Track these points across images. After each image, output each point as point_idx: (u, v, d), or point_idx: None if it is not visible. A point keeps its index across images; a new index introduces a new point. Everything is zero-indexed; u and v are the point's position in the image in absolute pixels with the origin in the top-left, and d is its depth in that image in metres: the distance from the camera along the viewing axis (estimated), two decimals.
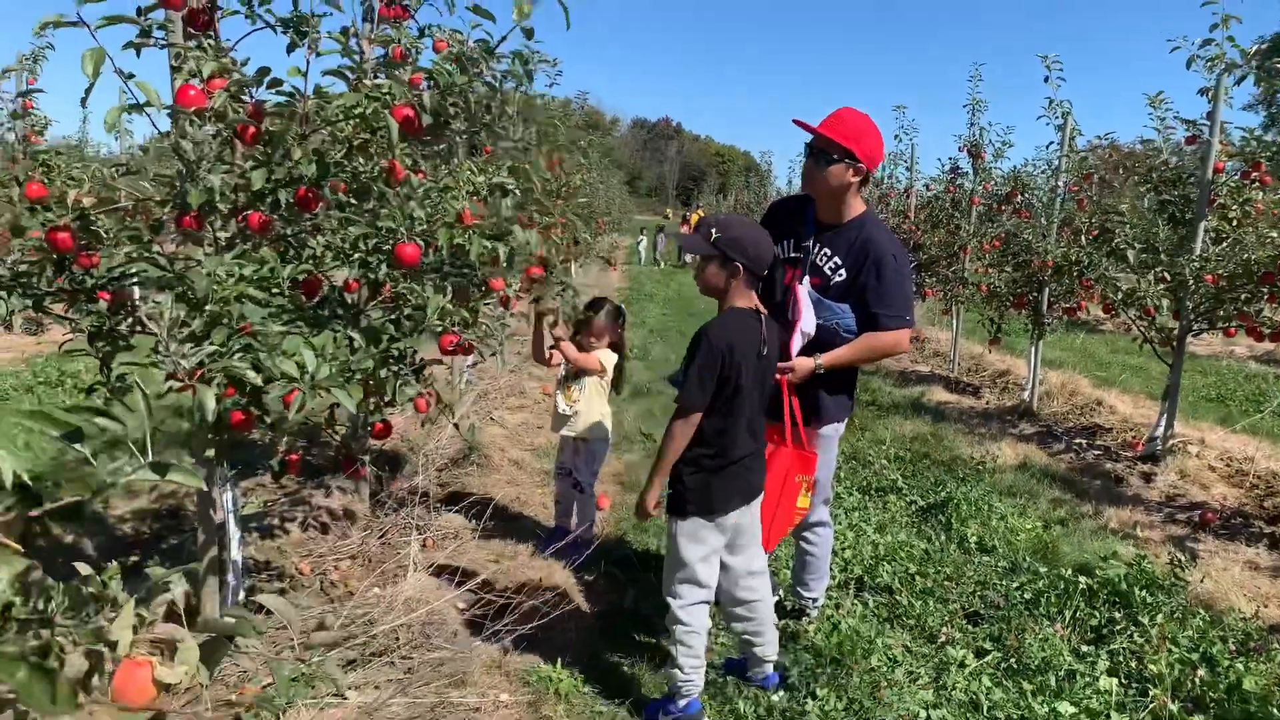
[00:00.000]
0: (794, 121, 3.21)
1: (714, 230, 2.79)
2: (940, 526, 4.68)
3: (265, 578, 3.88)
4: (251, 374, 2.43)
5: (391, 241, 2.79)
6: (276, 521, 4.48)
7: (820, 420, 3.33)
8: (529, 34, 2.80)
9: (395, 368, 2.78)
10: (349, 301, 3.09)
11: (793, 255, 3.30)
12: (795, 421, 3.21)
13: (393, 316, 2.95)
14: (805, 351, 3.22)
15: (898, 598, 3.79)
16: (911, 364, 10.69)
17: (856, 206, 3.22)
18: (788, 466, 3.16)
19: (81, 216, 2.65)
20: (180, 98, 2.46)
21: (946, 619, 3.61)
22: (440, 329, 3.00)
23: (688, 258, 27.13)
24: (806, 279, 3.23)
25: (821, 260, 3.22)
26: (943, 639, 3.44)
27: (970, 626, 3.59)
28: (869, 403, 8.15)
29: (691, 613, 2.87)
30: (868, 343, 3.17)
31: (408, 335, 2.89)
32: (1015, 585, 3.90)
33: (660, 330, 12.10)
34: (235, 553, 3.22)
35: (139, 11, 2.65)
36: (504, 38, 2.81)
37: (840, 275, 3.17)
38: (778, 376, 3.14)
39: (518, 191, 3.63)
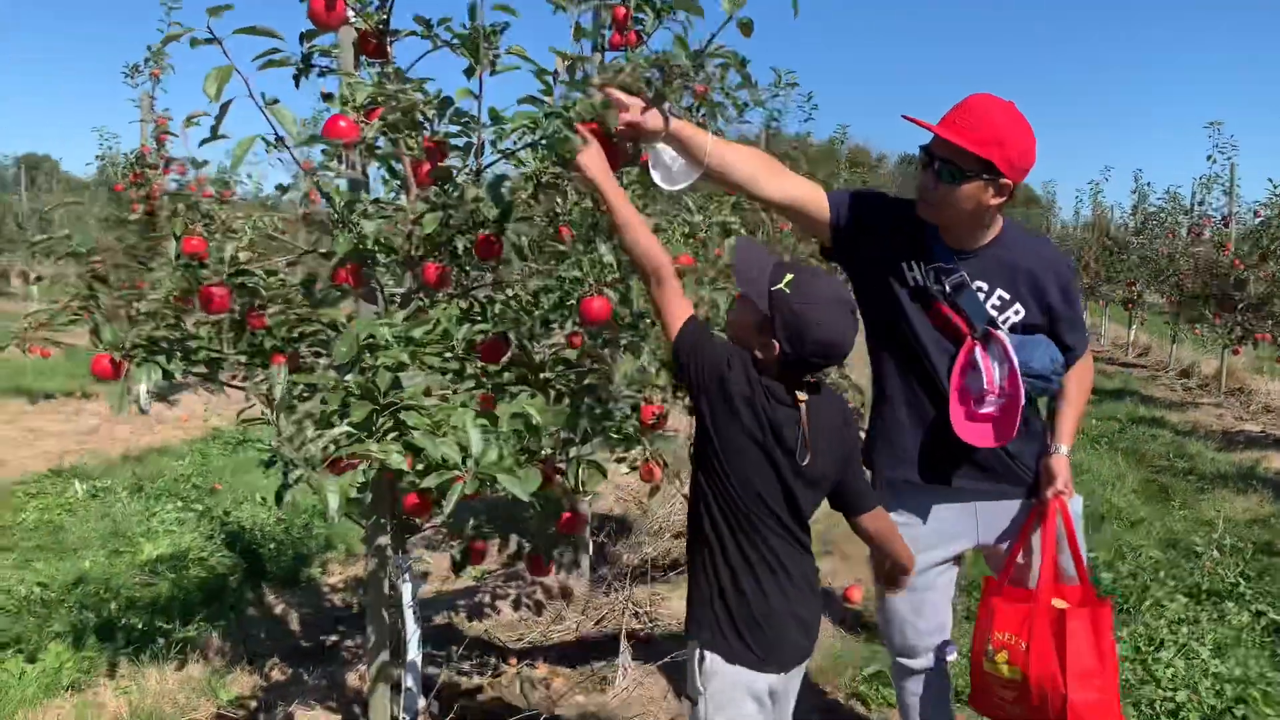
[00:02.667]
0: (905, 118, 2.17)
1: (787, 281, 1.83)
2: None
3: (467, 667, 3.48)
4: (396, 458, 1.98)
5: (576, 295, 2.29)
6: (488, 599, 4.10)
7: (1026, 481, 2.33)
8: (747, 29, 2.21)
9: (580, 448, 2.25)
10: (539, 363, 2.61)
11: (935, 287, 2.21)
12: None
13: (581, 384, 2.42)
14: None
15: None
16: (1236, 421, 8.99)
17: (997, 225, 2.23)
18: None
19: (240, 272, 2.35)
20: (329, 129, 2.08)
21: None
22: (637, 399, 2.45)
23: None
24: (990, 341, 2.18)
25: (980, 296, 2.21)
26: None
27: None
28: (1186, 471, 6.78)
29: None
30: (1082, 388, 2.37)
31: (597, 408, 2.35)
32: None
33: None
34: (414, 651, 2.80)
35: (302, 38, 2.33)
36: (714, 35, 2.24)
37: (1015, 312, 2.20)
38: (1048, 502, 2.26)
39: (743, 231, 3.04)
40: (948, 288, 2.19)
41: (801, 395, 1.84)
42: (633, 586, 4.12)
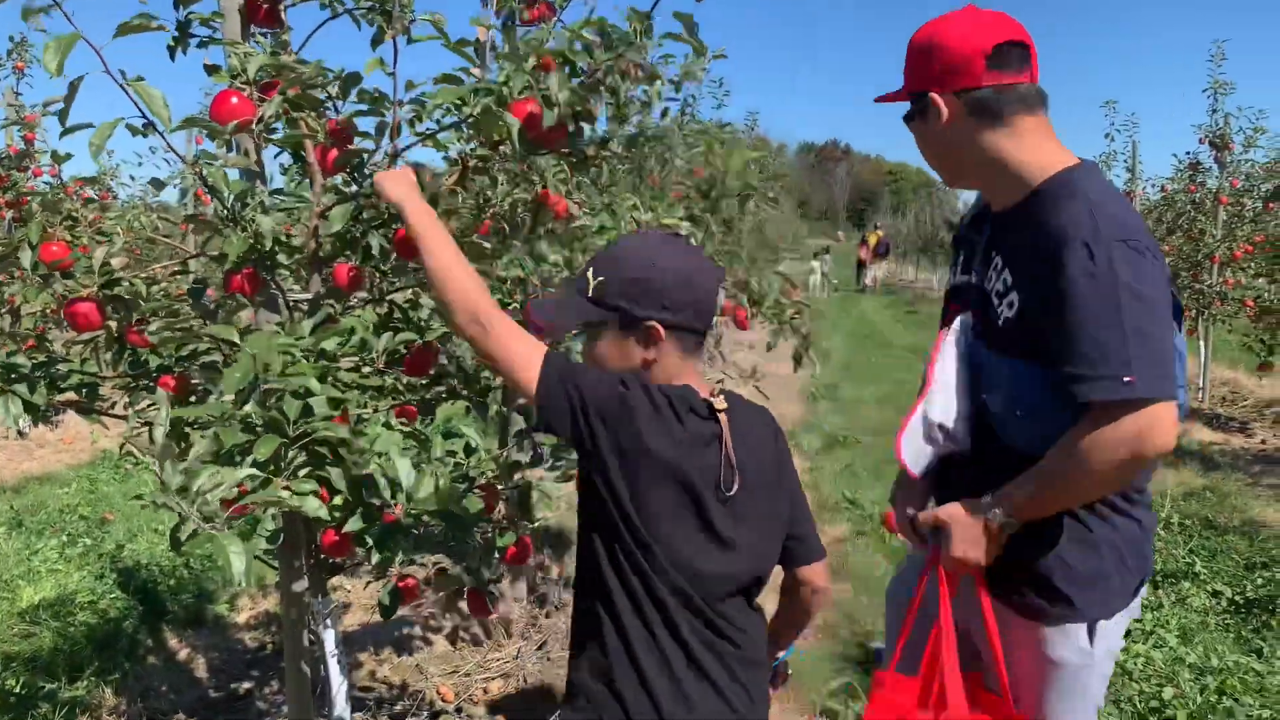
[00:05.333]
0: (877, 100, 1.79)
1: (593, 273, 1.49)
2: (1277, 635, 3.44)
3: (400, 709, 3.14)
4: (313, 503, 1.65)
5: (520, 296, 1.99)
6: (419, 630, 3.76)
7: (1048, 602, 1.63)
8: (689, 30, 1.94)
9: (524, 473, 1.95)
10: (473, 375, 2.29)
11: (958, 282, 1.84)
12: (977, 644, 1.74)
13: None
14: (958, 471, 1.73)
15: None
16: None
17: (1034, 157, 1.60)
18: None
19: (112, 283, 1.98)
20: (217, 108, 1.73)
21: None
22: None
23: (867, 279, 25.68)
24: (956, 326, 1.75)
25: (991, 277, 1.67)
26: None
27: None
28: None
29: None
30: (1086, 452, 1.46)
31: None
32: None
33: (847, 365, 10.99)
34: (341, 705, 2.46)
35: (176, 3, 1.96)
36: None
37: (1010, 304, 1.59)
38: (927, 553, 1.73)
39: (696, 237, 2.78)
40: (957, 280, 1.83)
41: (719, 402, 1.45)
42: None
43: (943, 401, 1.69)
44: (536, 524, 2.18)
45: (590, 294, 1.47)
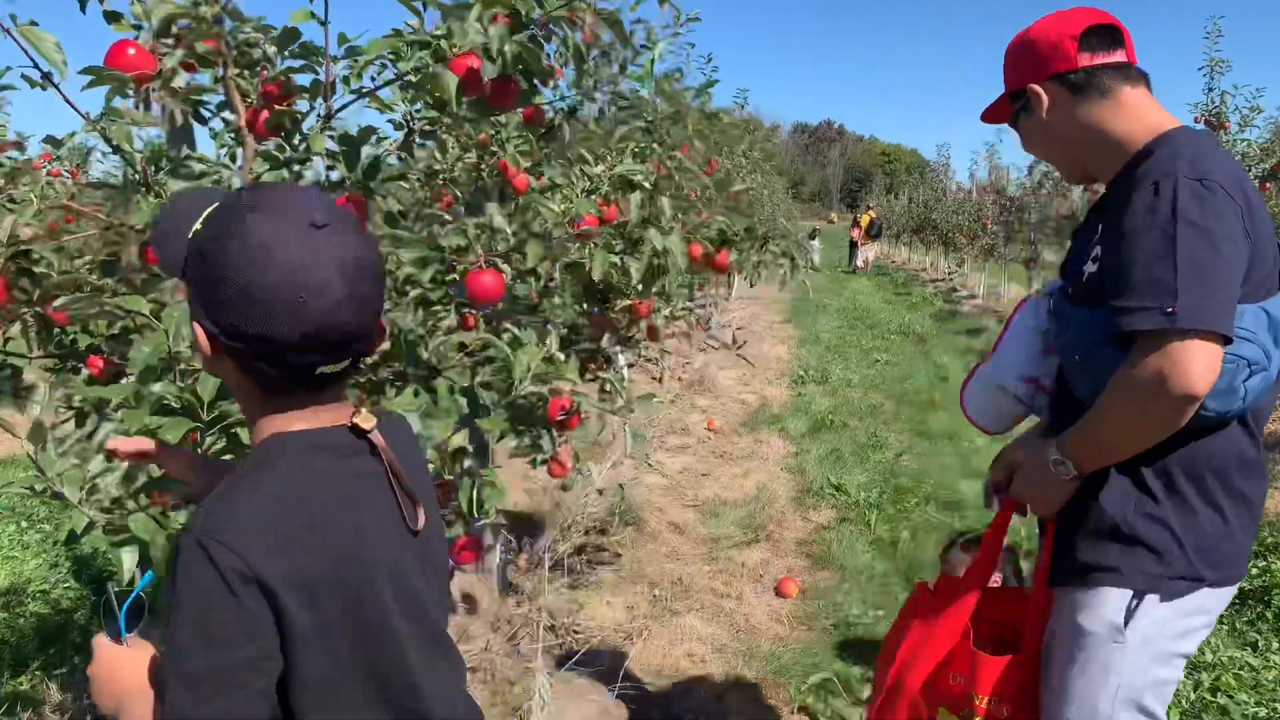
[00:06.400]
0: (983, 119, 1.85)
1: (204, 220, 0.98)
2: (1272, 628, 3.32)
3: None
4: None
5: (461, 267, 1.83)
6: None
7: (1087, 563, 1.56)
8: None
9: (470, 463, 1.80)
10: (422, 357, 2.14)
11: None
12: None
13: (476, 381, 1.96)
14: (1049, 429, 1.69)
15: None
16: None
17: (1136, 124, 1.55)
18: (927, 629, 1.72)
19: (20, 254, 1.82)
20: (111, 58, 1.56)
21: None
22: (542, 392, 2.01)
23: (859, 261, 25.53)
24: (1049, 281, 1.76)
25: (1088, 241, 1.62)
26: None
27: None
28: None
29: None
30: (1115, 389, 1.42)
31: (491, 409, 1.89)
32: None
33: (837, 346, 10.85)
34: None
35: None
36: None
37: (1094, 258, 1.55)
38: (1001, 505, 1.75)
39: (648, 183, 2.61)
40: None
41: (364, 422, 1.02)
42: (547, 594, 3.69)
43: (1011, 358, 1.74)
44: (490, 518, 2.04)
45: (177, 259, 0.99)
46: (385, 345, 2.12)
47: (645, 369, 8.81)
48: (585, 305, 3.45)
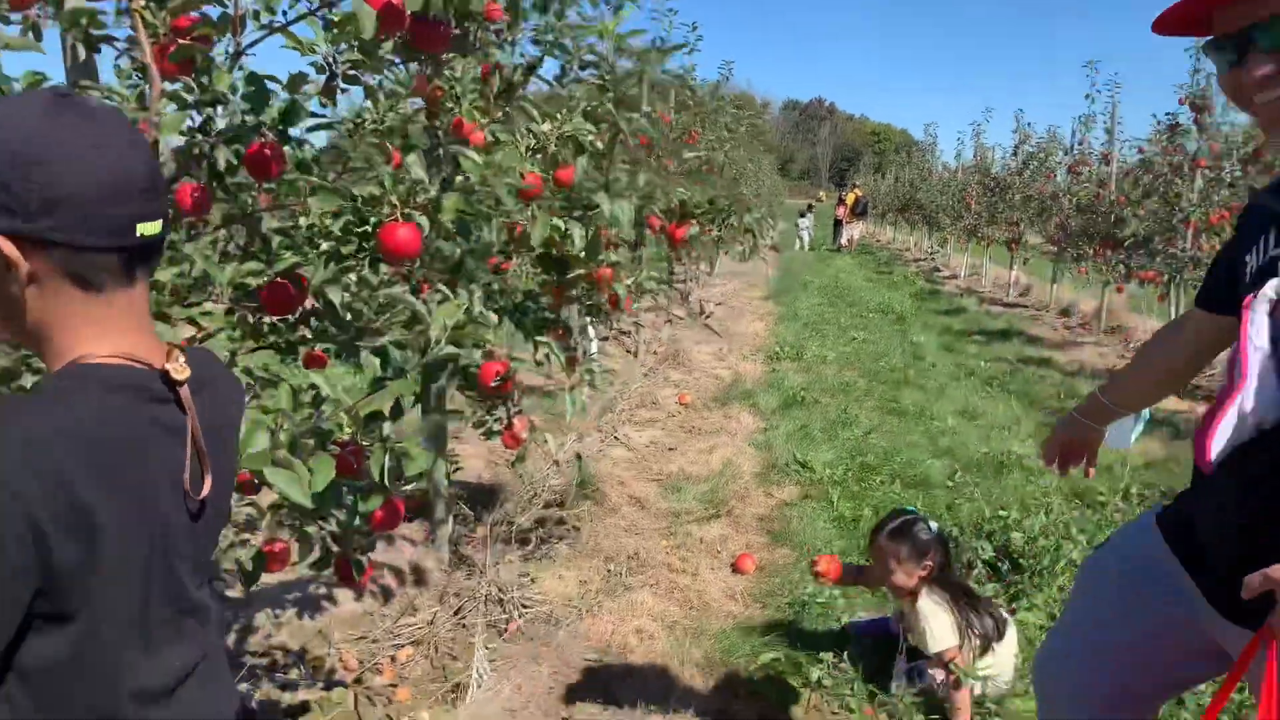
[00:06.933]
0: (1155, 28, 1.41)
1: None
2: None
3: (293, 679, 2.91)
4: None
5: (374, 219, 1.71)
6: (324, 589, 3.52)
7: None
8: None
9: (382, 428, 1.69)
10: (345, 319, 2.02)
11: (1276, 251, 1.38)
12: None
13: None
14: (1254, 459, 1.31)
15: None
16: (1120, 360, 8.99)
17: None
18: None
19: None
20: None
21: None
22: (473, 357, 1.90)
23: (844, 239, 25.44)
24: (1268, 289, 1.29)
25: None
26: None
27: None
28: None
29: None
30: None
31: (409, 370, 1.78)
32: None
33: (815, 323, 10.76)
34: None
35: None
36: None
37: None
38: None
39: (599, 144, 2.49)
40: (1263, 261, 1.39)
41: (177, 372, 0.93)
42: (498, 567, 3.60)
43: (1265, 388, 1.30)
44: (413, 486, 1.94)
45: None
46: (308, 303, 2.01)
47: (621, 342, 8.72)
48: (545, 273, 3.34)
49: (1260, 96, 1.28)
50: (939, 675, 2.72)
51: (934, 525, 2.78)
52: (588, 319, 6.21)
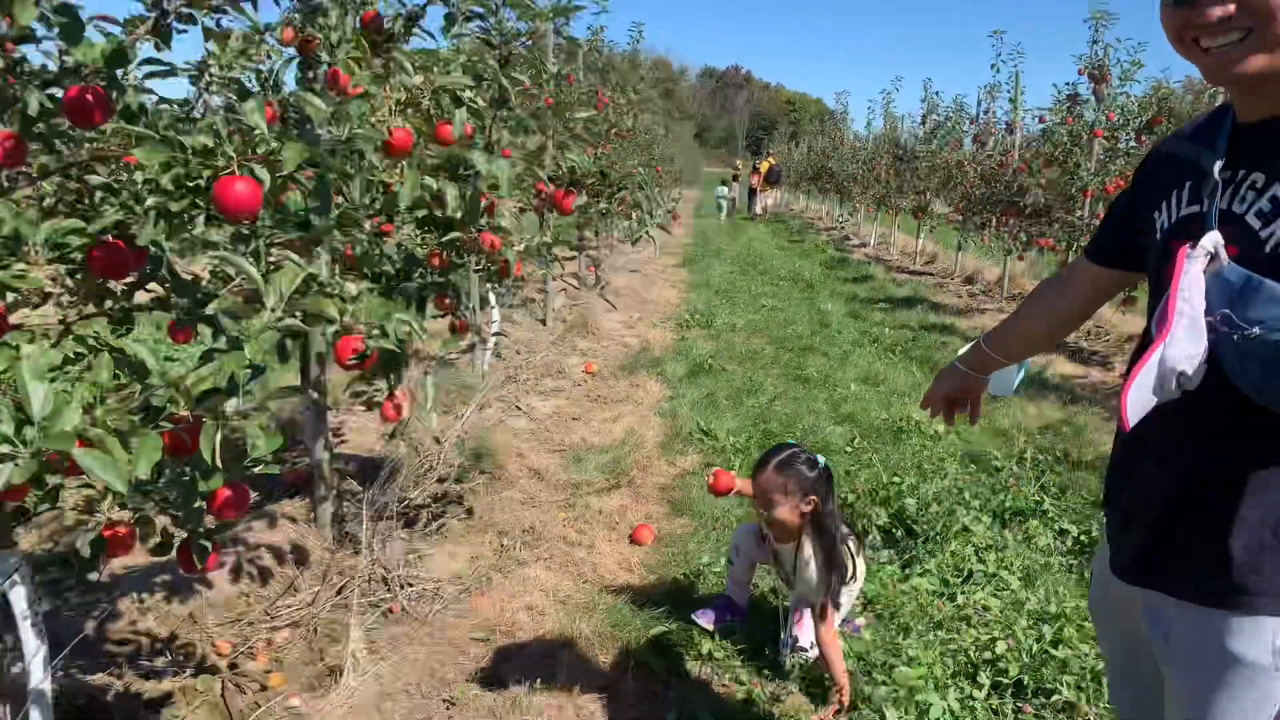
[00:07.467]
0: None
1: None
2: None
3: (158, 666, 2.74)
4: None
5: (209, 172, 1.55)
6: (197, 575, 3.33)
7: (1243, 583, 1.32)
8: None
9: (223, 405, 1.54)
10: (186, 283, 1.85)
11: (1188, 211, 1.39)
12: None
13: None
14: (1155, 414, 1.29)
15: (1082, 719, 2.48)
16: None
17: None
18: None
19: None
20: None
21: None
22: (330, 330, 1.75)
23: (758, 208, 25.59)
24: (1206, 243, 1.27)
25: (1245, 200, 1.29)
26: None
27: None
28: None
29: None
30: None
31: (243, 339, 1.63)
32: None
33: (727, 291, 10.75)
34: (39, 676, 2.05)
35: None
36: None
37: None
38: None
39: (479, 100, 2.35)
40: (1184, 212, 1.39)
41: None
42: (385, 544, 3.46)
43: (1187, 341, 1.28)
44: (260, 467, 1.79)
45: None
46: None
47: (531, 310, 8.56)
48: (427, 235, 3.18)
49: (1211, 41, 1.21)
50: (807, 640, 2.70)
51: (819, 459, 2.69)
52: (489, 286, 6.05)
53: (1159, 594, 1.41)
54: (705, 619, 2.95)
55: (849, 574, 2.64)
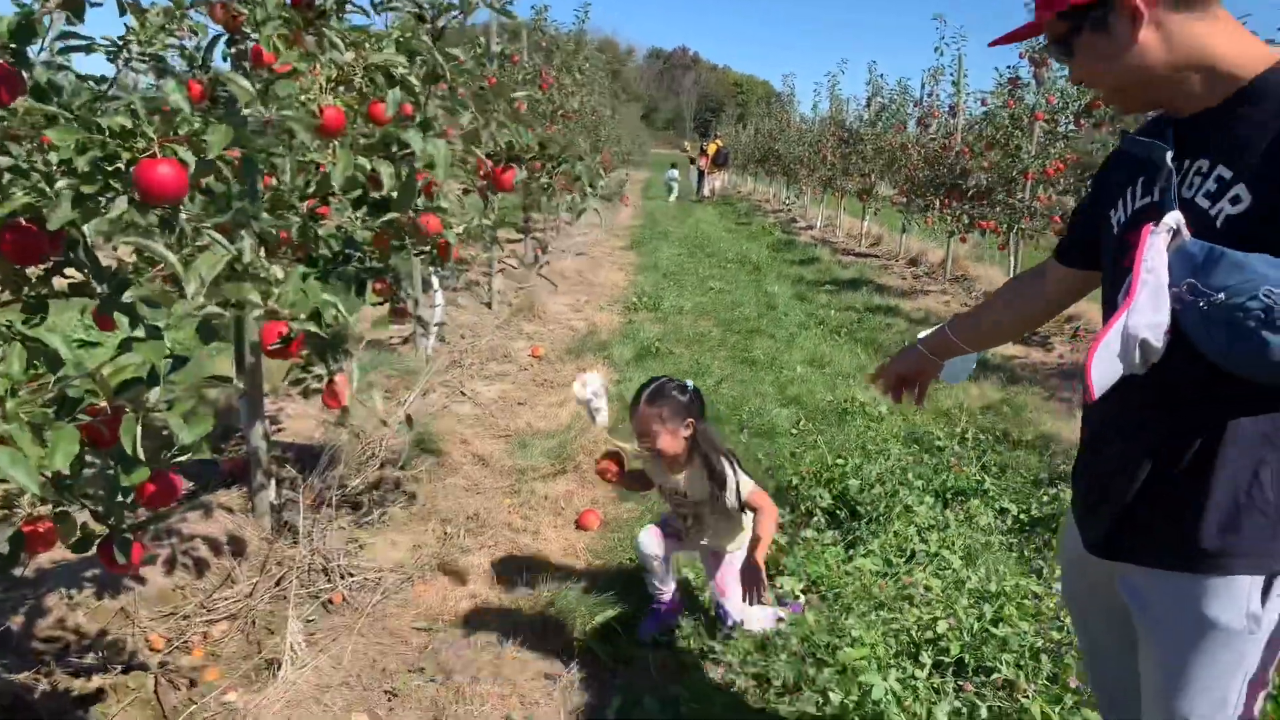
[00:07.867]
0: (993, 44, 1.62)
1: None
2: (1058, 557, 3.37)
3: (88, 663, 2.66)
4: None
5: (128, 155, 1.48)
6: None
7: (1214, 548, 1.38)
8: None
9: (144, 395, 1.48)
10: (105, 269, 1.77)
11: (1141, 203, 1.48)
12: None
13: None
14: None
15: (1022, 698, 2.51)
16: (963, 308, 9.31)
17: (1243, 48, 1.36)
18: None
19: None
20: None
21: None
22: (253, 315, 1.69)
23: (706, 190, 25.61)
24: (1169, 220, 1.33)
25: (1192, 185, 1.37)
26: None
27: None
28: None
29: None
30: None
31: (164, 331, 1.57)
32: None
33: (674, 274, 10.74)
34: None
35: None
36: None
37: (1233, 200, 1.32)
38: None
39: (414, 79, 2.29)
40: (1140, 203, 1.47)
41: None
42: (325, 534, 3.39)
43: (1150, 309, 1.32)
44: (188, 456, 1.73)
45: None
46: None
47: (475, 294, 8.46)
48: (364, 217, 3.11)
49: (1089, 86, 1.48)
50: (737, 611, 2.73)
51: (689, 383, 2.76)
52: (431, 270, 5.96)
53: (1132, 565, 1.46)
54: (647, 634, 2.90)
55: (728, 481, 2.69)
